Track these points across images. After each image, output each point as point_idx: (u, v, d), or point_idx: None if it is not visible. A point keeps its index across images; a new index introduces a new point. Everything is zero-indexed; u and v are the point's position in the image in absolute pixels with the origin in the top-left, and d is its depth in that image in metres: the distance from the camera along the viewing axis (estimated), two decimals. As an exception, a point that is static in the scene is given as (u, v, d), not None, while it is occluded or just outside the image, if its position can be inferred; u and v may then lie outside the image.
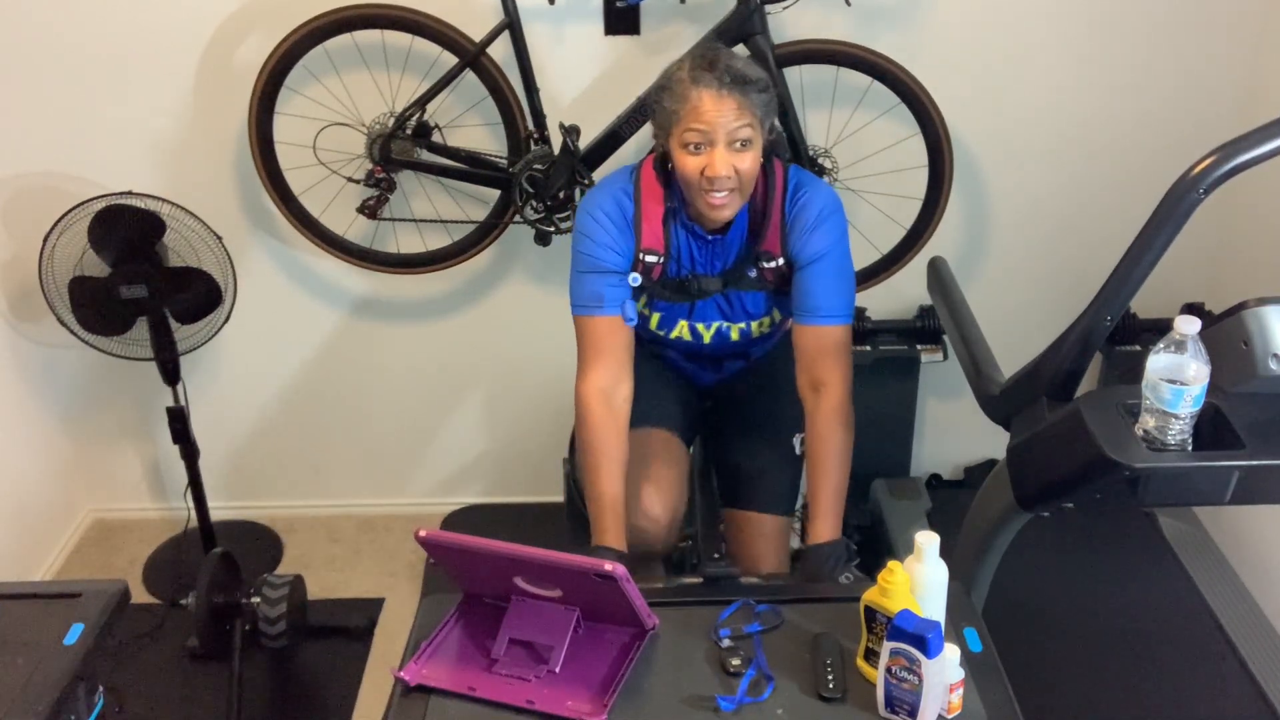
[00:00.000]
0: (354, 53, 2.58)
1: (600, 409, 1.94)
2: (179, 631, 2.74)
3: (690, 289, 2.00)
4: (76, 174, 2.70)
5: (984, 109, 2.70)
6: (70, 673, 1.56)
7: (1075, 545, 2.86)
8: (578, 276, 1.98)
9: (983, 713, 1.48)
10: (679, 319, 2.07)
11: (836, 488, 1.91)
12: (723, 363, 2.23)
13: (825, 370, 1.94)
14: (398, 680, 1.56)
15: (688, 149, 1.82)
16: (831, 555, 1.86)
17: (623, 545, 1.89)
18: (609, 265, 1.95)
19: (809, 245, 1.93)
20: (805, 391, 1.97)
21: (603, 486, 1.92)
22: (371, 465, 3.18)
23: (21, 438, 2.91)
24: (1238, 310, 1.62)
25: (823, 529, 1.89)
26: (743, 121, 1.80)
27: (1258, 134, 1.53)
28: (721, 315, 2.06)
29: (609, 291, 1.95)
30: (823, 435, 1.93)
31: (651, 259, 1.96)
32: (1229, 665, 2.52)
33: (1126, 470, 1.58)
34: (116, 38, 2.57)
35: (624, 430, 1.96)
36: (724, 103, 1.78)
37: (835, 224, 1.94)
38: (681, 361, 2.23)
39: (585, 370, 1.97)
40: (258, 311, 2.90)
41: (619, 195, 1.96)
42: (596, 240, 1.94)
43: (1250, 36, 2.63)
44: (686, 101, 1.80)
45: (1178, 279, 2.76)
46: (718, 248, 1.98)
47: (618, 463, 1.93)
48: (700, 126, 1.80)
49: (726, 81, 1.78)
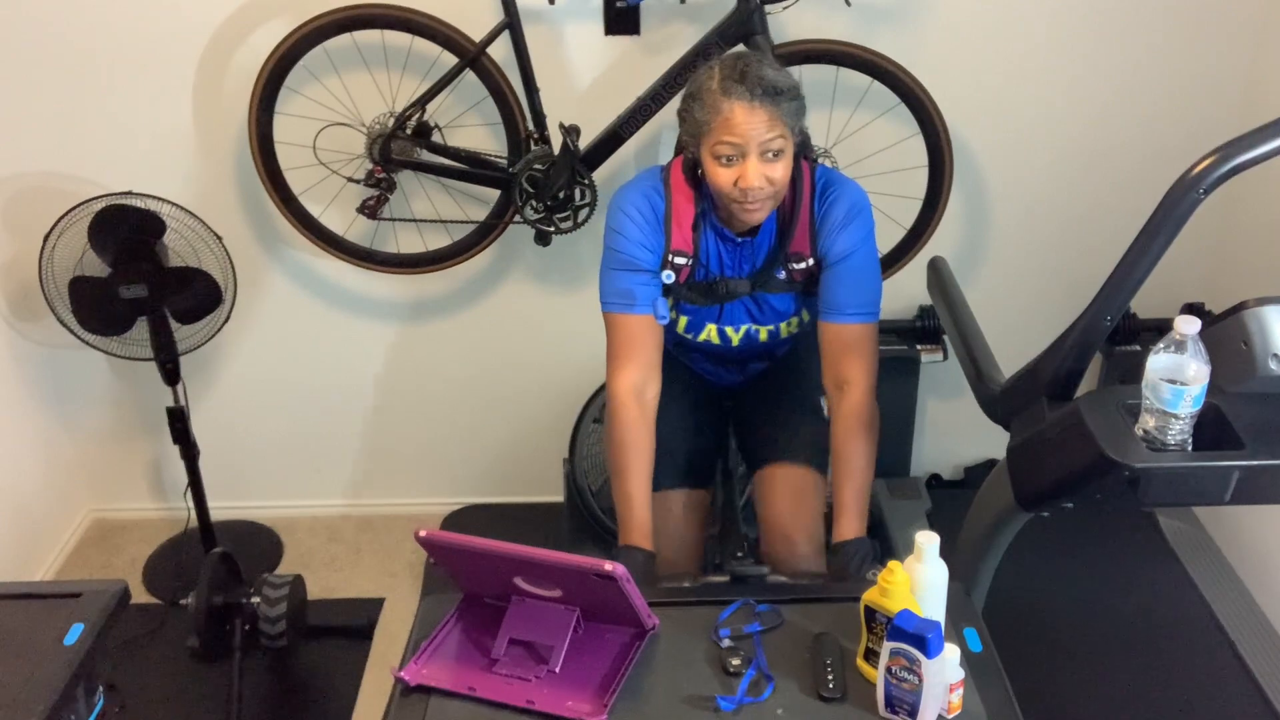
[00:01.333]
0: (354, 53, 2.58)
1: (632, 407, 1.93)
2: (179, 631, 2.74)
3: (718, 291, 2.00)
4: (76, 174, 2.70)
5: (984, 109, 2.70)
6: (70, 673, 1.56)
7: (1075, 545, 2.87)
8: (609, 273, 1.96)
9: (983, 713, 1.48)
10: (707, 322, 2.06)
11: (861, 485, 1.91)
12: (747, 364, 2.22)
13: (850, 367, 1.94)
14: (398, 680, 1.56)
15: (720, 160, 1.80)
16: (858, 553, 1.85)
17: (650, 545, 1.88)
18: (641, 263, 1.94)
19: (838, 242, 1.92)
20: (830, 389, 1.97)
21: (631, 486, 1.91)
22: (371, 465, 3.18)
23: (21, 438, 2.91)
24: (1238, 310, 1.62)
25: (848, 527, 1.88)
26: (775, 133, 1.78)
27: (1258, 134, 1.53)
28: (750, 318, 2.05)
29: (641, 290, 1.94)
30: (846, 433, 1.92)
31: (680, 260, 1.96)
32: (1229, 665, 2.52)
33: (1126, 470, 1.58)
34: (117, 38, 2.57)
35: (652, 428, 1.95)
36: (755, 114, 1.76)
37: (864, 221, 1.94)
38: (706, 364, 2.22)
39: (617, 368, 1.96)
40: (258, 311, 2.90)
41: (650, 194, 1.95)
42: (629, 237, 1.93)
43: (1250, 37, 2.63)
44: (718, 113, 1.77)
45: (1178, 279, 2.77)
46: (746, 250, 1.98)
47: (646, 461, 1.93)
48: (732, 139, 1.77)
49: (759, 93, 1.76)
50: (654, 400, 1.97)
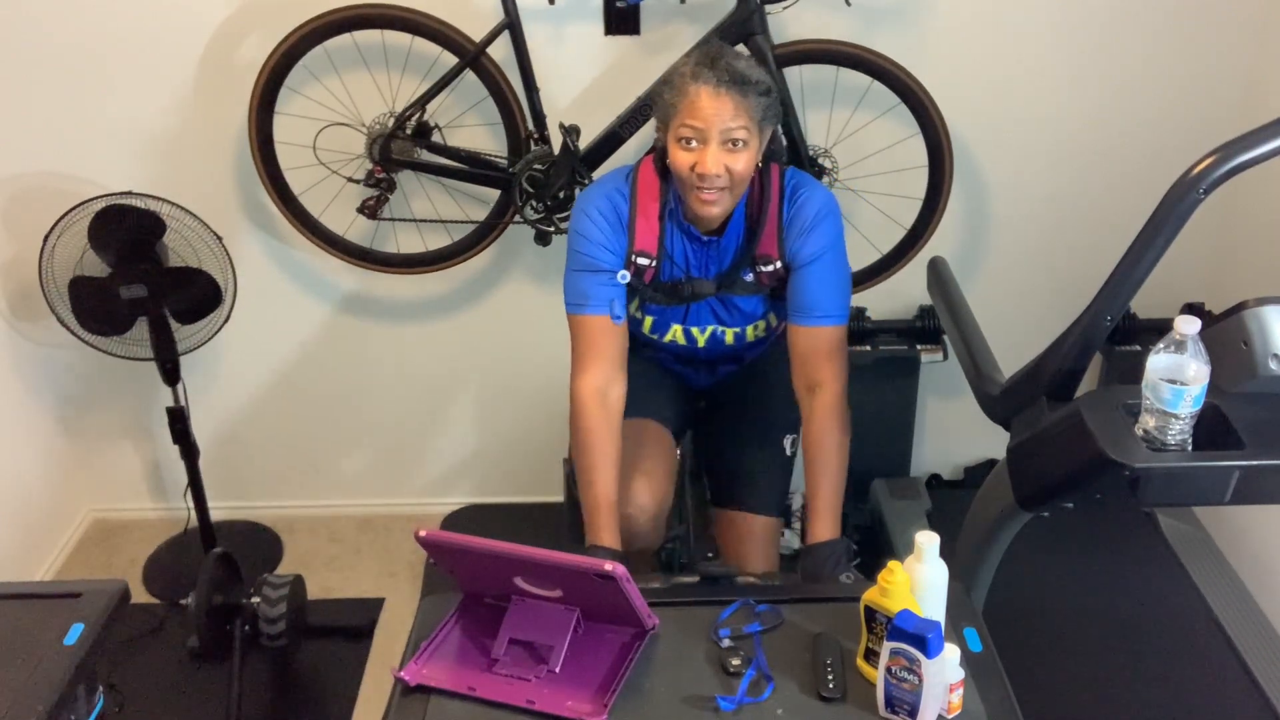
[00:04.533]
0: (354, 53, 2.58)
1: (596, 408, 1.94)
2: (179, 631, 2.74)
3: (683, 292, 2.00)
4: (76, 174, 2.70)
5: (984, 109, 2.70)
6: (70, 673, 1.56)
7: (1075, 545, 2.86)
8: (572, 275, 1.98)
9: (983, 713, 1.48)
10: (672, 323, 2.07)
11: (835, 487, 1.92)
12: (716, 366, 2.23)
13: (821, 371, 1.94)
14: (398, 680, 1.56)
15: (681, 143, 1.83)
16: (832, 555, 1.86)
17: (618, 544, 1.90)
18: (603, 264, 1.95)
19: (806, 245, 1.93)
20: (801, 392, 1.97)
21: (597, 488, 1.92)
22: (371, 465, 3.18)
23: (21, 438, 2.91)
24: (1238, 310, 1.62)
25: (822, 528, 1.89)
26: (739, 122, 1.80)
27: (1258, 134, 1.53)
28: (716, 319, 2.06)
29: (603, 291, 1.95)
30: (819, 435, 1.93)
31: (644, 261, 1.97)
32: (1229, 665, 2.52)
33: (1126, 470, 1.58)
34: (117, 37, 2.57)
35: (617, 430, 1.96)
36: (721, 101, 1.79)
37: (832, 224, 1.95)
38: (674, 365, 2.23)
39: (580, 369, 1.97)
40: (257, 311, 2.90)
41: (613, 195, 1.97)
42: (591, 239, 1.95)
43: (1250, 37, 2.63)
44: (685, 96, 1.81)
45: (1178, 279, 2.76)
46: (713, 250, 1.98)
47: (612, 462, 1.94)
48: (695, 123, 1.80)
49: (725, 80, 1.79)
50: (618, 401, 1.97)
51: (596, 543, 1.90)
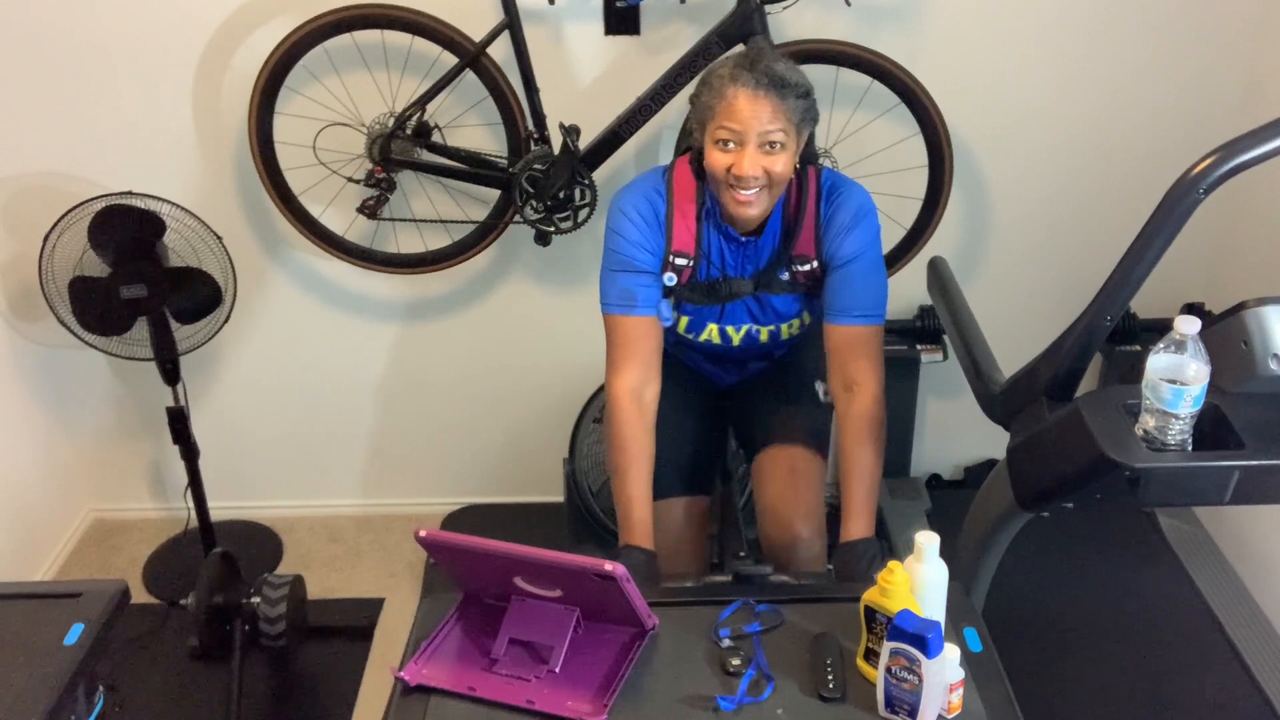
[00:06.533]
0: (354, 53, 2.58)
1: (631, 408, 1.94)
2: (179, 631, 2.74)
3: (720, 291, 2.00)
4: (76, 174, 2.70)
5: (984, 109, 2.70)
6: (70, 673, 1.56)
7: (1075, 545, 2.87)
8: (609, 275, 1.96)
9: (983, 713, 1.48)
10: (708, 322, 2.06)
11: (870, 487, 1.91)
12: (747, 364, 2.22)
13: (859, 370, 1.94)
14: (398, 680, 1.56)
15: (719, 145, 1.82)
16: (866, 553, 1.85)
17: (650, 544, 1.89)
18: (641, 264, 1.94)
19: (845, 245, 1.93)
20: (838, 391, 1.97)
21: (631, 488, 1.91)
22: (371, 465, 3.18)
23: (21, 438, 2.91)
24: (1238, 310, 1.63)
25: (856, 527, 1.88)
26: (776, 125, 1.79)
27: (1258, 134, 1.53)
28: (751, 318, 2.05)
29: (642, 291, 1.94)
30: (857, 435, 1.93)
31: (681, 261, 1.96)
32: (1229, 665, 2.52)
33: (1126, 470, 1.58)
34: (117, 38, 2.57)
35: (651, 429, 1.96)
36: (759, 103, 1.78)
37: (870, 224, 1.94)
38: (705, 364, 2.22)
39: (616, 369, 1.96)
40: (257, 311, 2.90)
41: (651, 194, 1.95)
42: (629, 238, 1.93)
43: (1250, 37, 2.63)
44: (723, 98, 1.80)
45: (1178, 279, 2.77)
46: (750, 250, 1.98)
47: (646, 462, 1.94)
48: (732, 125, 1.79)
49: (764, 82, 1.78)
50: (653, 401, 1.97)
51: (630, 542, 1.88)
